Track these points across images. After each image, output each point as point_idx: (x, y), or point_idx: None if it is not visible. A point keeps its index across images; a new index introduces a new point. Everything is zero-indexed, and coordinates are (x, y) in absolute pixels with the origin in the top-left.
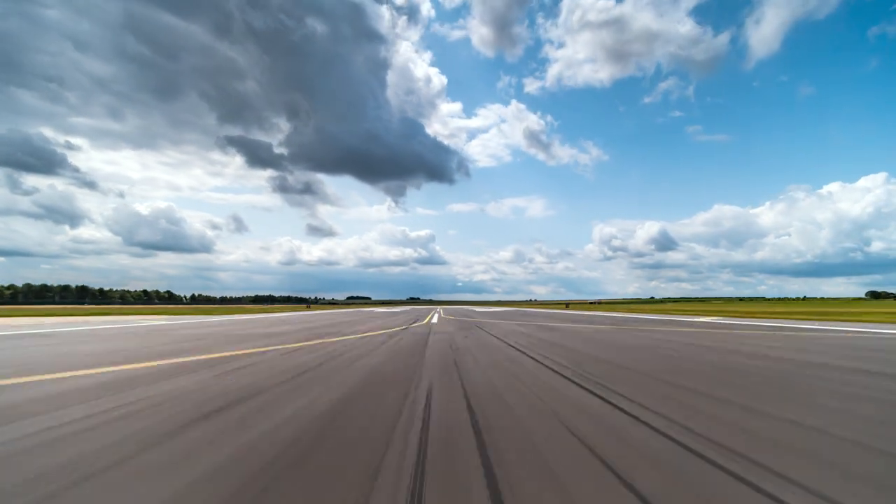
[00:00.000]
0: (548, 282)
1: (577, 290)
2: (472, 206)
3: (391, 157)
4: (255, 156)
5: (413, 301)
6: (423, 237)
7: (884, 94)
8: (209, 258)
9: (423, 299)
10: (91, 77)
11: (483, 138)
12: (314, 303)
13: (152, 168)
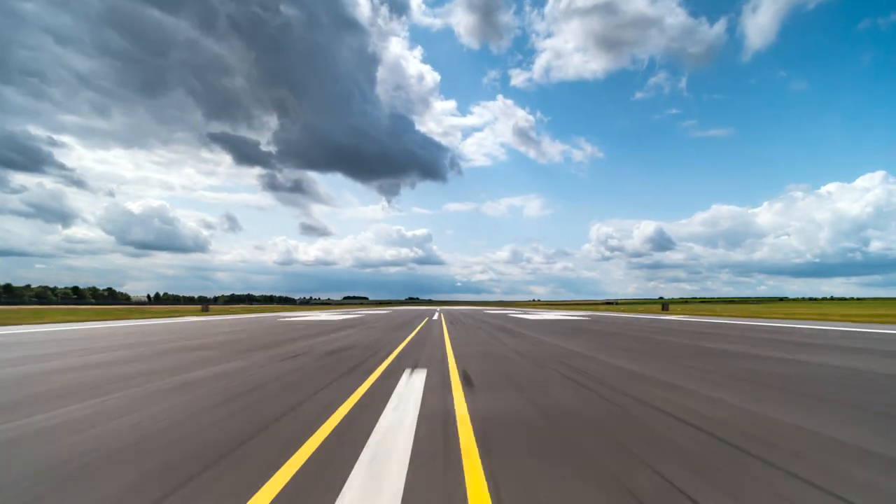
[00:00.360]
0: (547, 282)
1: (577, 291)
2: (468, 205)
3: (382, 153)
4: (242, 153)
5: (412, 301)
6: (419, 236)
7: (880, 89)
8: (205, 258)
9: (423, 299)
10: (74, 72)
11: (478, 136)
12: (212, 303)
13: (144, 167)
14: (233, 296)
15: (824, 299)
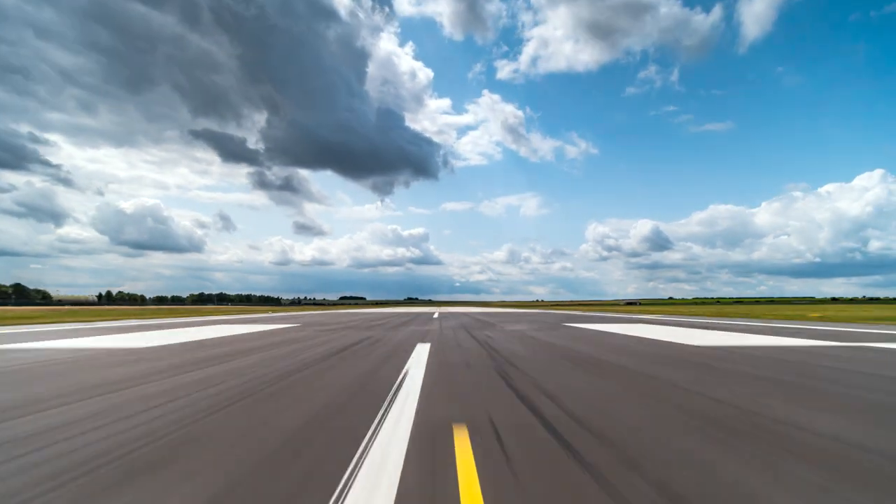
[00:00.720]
0: (546, 282)
1: (576, 291)
2: (465, 204)
3: (371, 150)
4: (227, 150)
5: (411, 301)
6: (415, 236)
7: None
8: (202, 258)
9: (422, 300)
10: (58, 68)
11: (473, 135)
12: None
13: (138, 167)
14: (221, 295)
15: (823, 300)
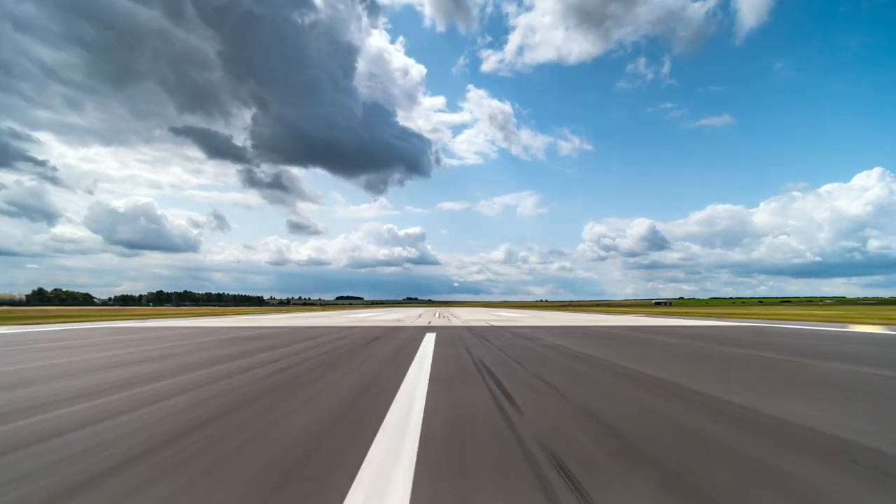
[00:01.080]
0: (545, 282)
1: (576, 291)
2: (462, 204)
3: (360, 146)
4: (212, 146)
5: (410, 302)
6: (412, 235)
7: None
8: (198, 258)
9: (422, 300)
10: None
11: (468, 133)
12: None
13: (130, 166)
14: (220, 295)
15: (822, 299)
